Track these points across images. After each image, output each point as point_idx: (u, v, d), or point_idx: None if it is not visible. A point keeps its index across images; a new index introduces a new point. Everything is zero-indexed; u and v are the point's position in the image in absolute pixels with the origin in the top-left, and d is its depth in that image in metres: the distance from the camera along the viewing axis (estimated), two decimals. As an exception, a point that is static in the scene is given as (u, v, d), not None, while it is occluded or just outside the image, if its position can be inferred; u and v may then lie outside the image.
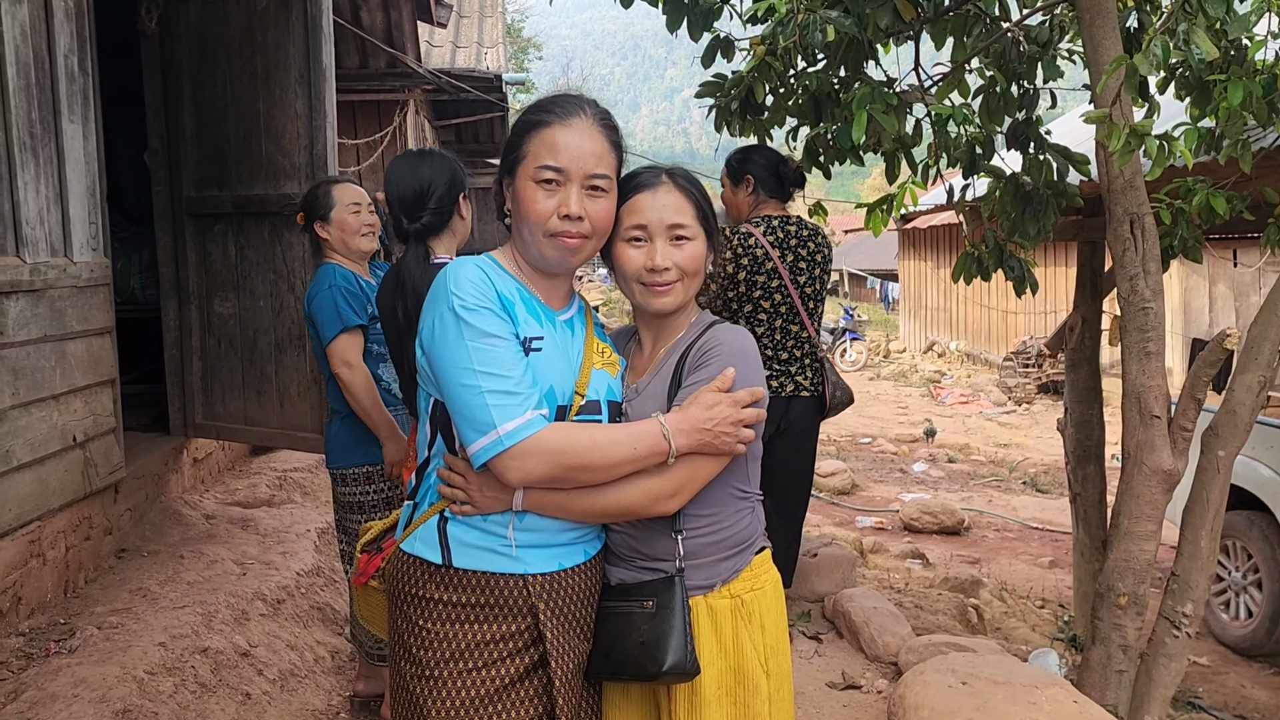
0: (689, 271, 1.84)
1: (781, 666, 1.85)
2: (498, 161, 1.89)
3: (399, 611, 1.75)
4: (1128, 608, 3.18)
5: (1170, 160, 2.99)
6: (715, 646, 1.79)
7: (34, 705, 2.81)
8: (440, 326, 1.68)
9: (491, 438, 1.61)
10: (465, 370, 1.63)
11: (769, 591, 1.85)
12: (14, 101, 3.40)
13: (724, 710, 1.78)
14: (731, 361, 1.77)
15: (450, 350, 1.65)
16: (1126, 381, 3.21)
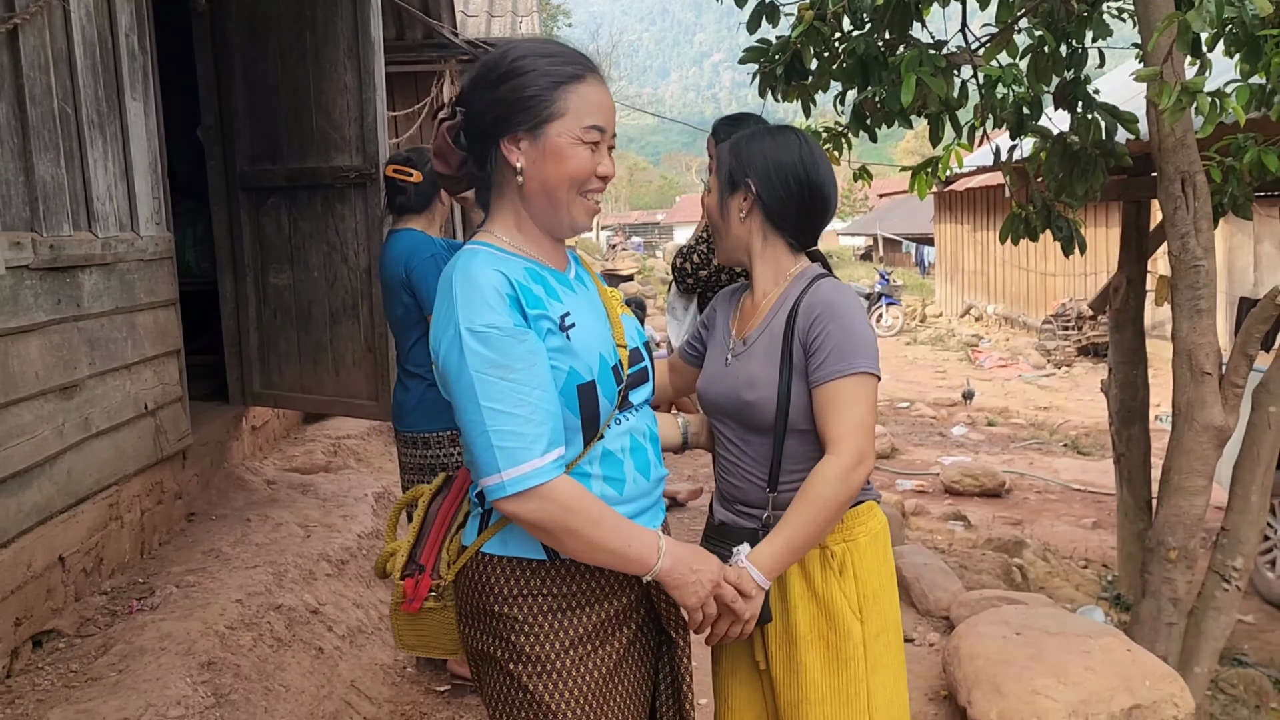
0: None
1: (883, 613, 1.90)
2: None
3: (497, 616, 1.62)
4: (1178, 561, 3.23)
5: (1222, 117, 2.99)
6: (806, 593, 1.87)
7: (124, 658, 2.96)
8: (448, 347, 1.52)
9: (494, 480, 1.49)
10: (471, 404, 1.50)
11: (862, 543, 1.89)
12: (82, 80, 3.51)
13: (816, 651, 1.86)
14: (843, 322, 1.80)
15: (455, 376, 1.51)
16: (1177, 339, 3.24)
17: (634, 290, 20.30)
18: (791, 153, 1.93)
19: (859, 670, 1.86)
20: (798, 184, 1.92)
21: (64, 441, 3.32)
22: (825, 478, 1.76)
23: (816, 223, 1.98)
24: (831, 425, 1.78)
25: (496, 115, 1.56)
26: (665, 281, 24.55)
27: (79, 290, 3.45)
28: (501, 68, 1.57)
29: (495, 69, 1.58)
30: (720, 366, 1.98)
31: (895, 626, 1.96)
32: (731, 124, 3.86)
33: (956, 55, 3.84)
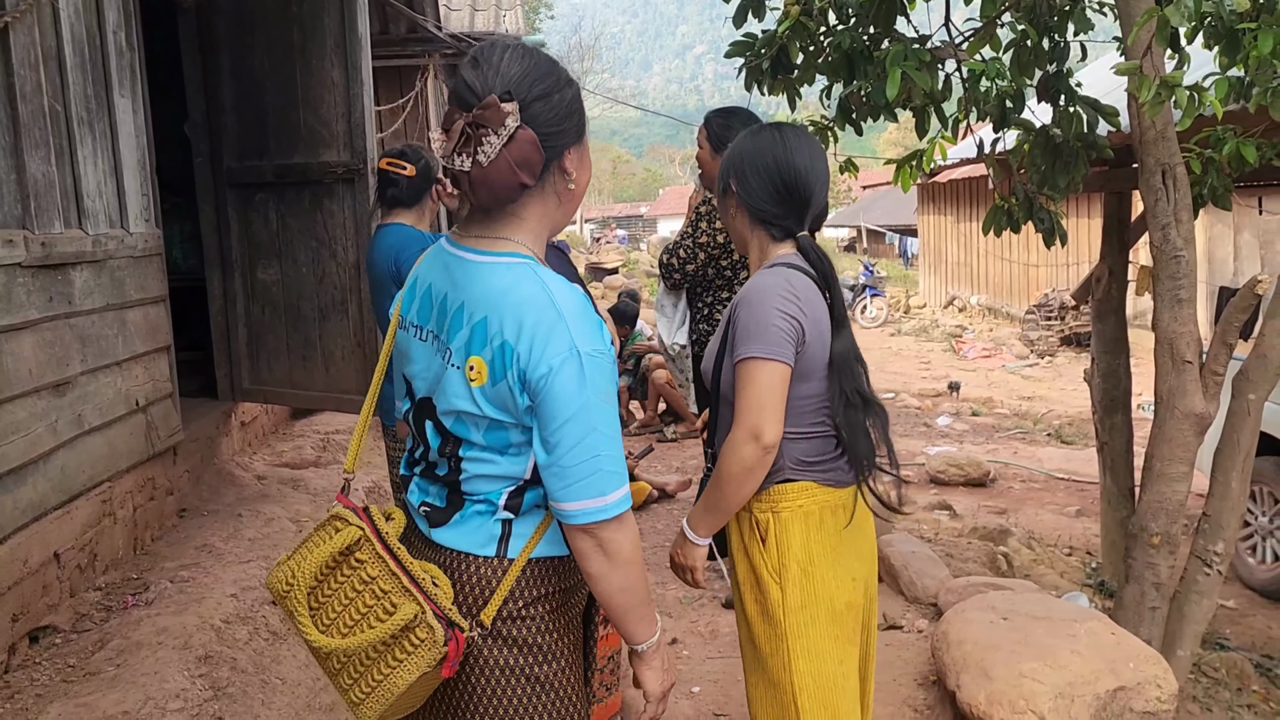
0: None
1: (812, 591, 2.02)
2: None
3: (521, 620, 1.57)
4: (1160, 547, 3.28)
5: (1200, 110, 3.05)
6: (739, 545, 2.12)
7: (121, 652, 2.98)
8: (560, 365, 1.45)
9: (600, 502, 1.48)
10: (585, 427, 1.46)
11: (785, 517, 2.03)
12: (71, 78, 3.51)
13: (748, 596, 2.10)
14: (742, 312, 1.98)
15: (570, 398, 1.46)
16: (1159, 328, 3.29)
17: (620, 284, 20.29)
18: (765, 150, 2.06)
19: (780, 630, 2.03)
20: (770, 178, 2.06)
21: (58, 438, 3.33)
22: (723, 449, 1.99)
23: (797, 211, 2.08)
24: (735, 401, 1.98)
25: (567, 125, 1.52)
26: (650, 274, 24.58)
27: (70, 287, 3.46)
28: (562, 76, 1.53)
29: (561, 78, 1.52)
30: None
31: (831, 610, 2.04)
32: (724, 116, 3.91)
33: (941, 49, 3.88)
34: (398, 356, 1.67)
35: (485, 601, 1.54)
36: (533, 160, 1.44)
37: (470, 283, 1.50)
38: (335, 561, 1.54)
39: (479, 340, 1.47)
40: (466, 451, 1.55)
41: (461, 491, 1.57)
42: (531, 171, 1.45)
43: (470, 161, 1.42)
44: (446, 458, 1.58)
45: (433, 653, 1.47)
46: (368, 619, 1.50)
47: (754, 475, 1.97)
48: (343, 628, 1.51)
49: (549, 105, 1.47)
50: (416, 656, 1.47)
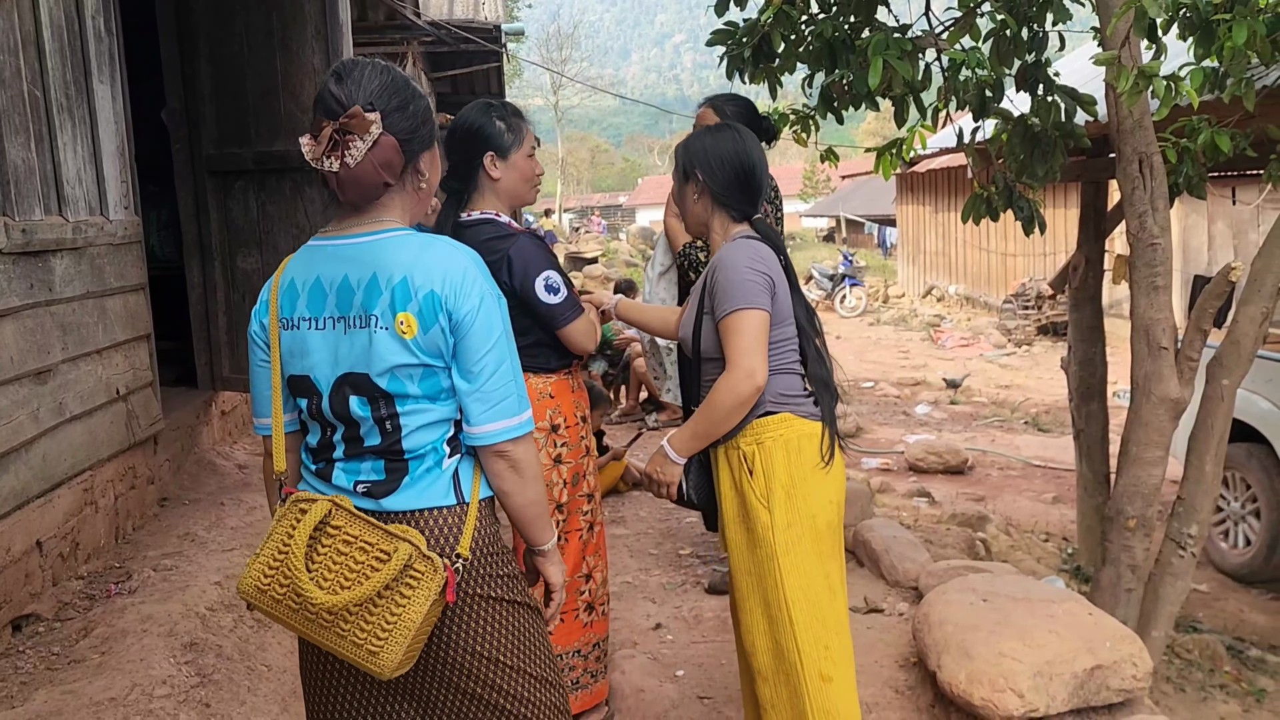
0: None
1: (795, 509, 2.31)
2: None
3: (499, 554, 1.79)
4: (1136, 530, 3.34)
5: (1177, 100, 3.09)
6: (730, 483, 2.39)
7: (105, 640, 2.97)
8: (484, 307, 1.70)
9: (519, 420, 1.74)
10: (507, 354, 1.74)
11: (768, 445, 2.33)
12: (50, 63, 3.48)
13: (738, 530, 2.39)
14: (724, 273, 2.30)
15: (492, 329, 1.71)
16: (1135, 315, 3.35)
17: (600, 274, 20.27)
18: (727, 145, 2.45)
19: (770, 550, 2.31)
20: (732, 169, 2.44)
21: (39, 426, 3.31)
22: (719, 386, 2.29)
23: (752, 197, 2.47)
24: (726, 351, 2.29)
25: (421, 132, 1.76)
26: (629, 264, 24.56)
27: (51, 274, 3.44)
28: (415, 91, 1.76)
29: (414, 92, 1.76)
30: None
31: (814, 528, 2.33)
32: (732, 102, 3.85)
33: (921, 39, 3.92)
34: (285, 361, 1.77)
35: (457, 540, 1.71)
36: (394, 162, 1.66)
37: (373, 257, 1.69)
38: (317, 535, 1.67)
39: (402, 298, 1.65)
40: (403, 405, 1.69)
41: (403, 454, 1.71)
42: (393, 171, 1.67)
43: (339, 163, 1.62)
44: (380, 421, 1.70)
45: (436, 580, 1.62)
46: (364, 570, 1.62)
47: (743, 409, 2.29)
48: (341, 585, 1.62)
49: (405, 115, 1.69)
50: (422, 587, 1.62)
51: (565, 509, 2.82)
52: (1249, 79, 3.88)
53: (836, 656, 2.34)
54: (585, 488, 2.86)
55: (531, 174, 2.79)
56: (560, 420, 2.80)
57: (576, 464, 2.83)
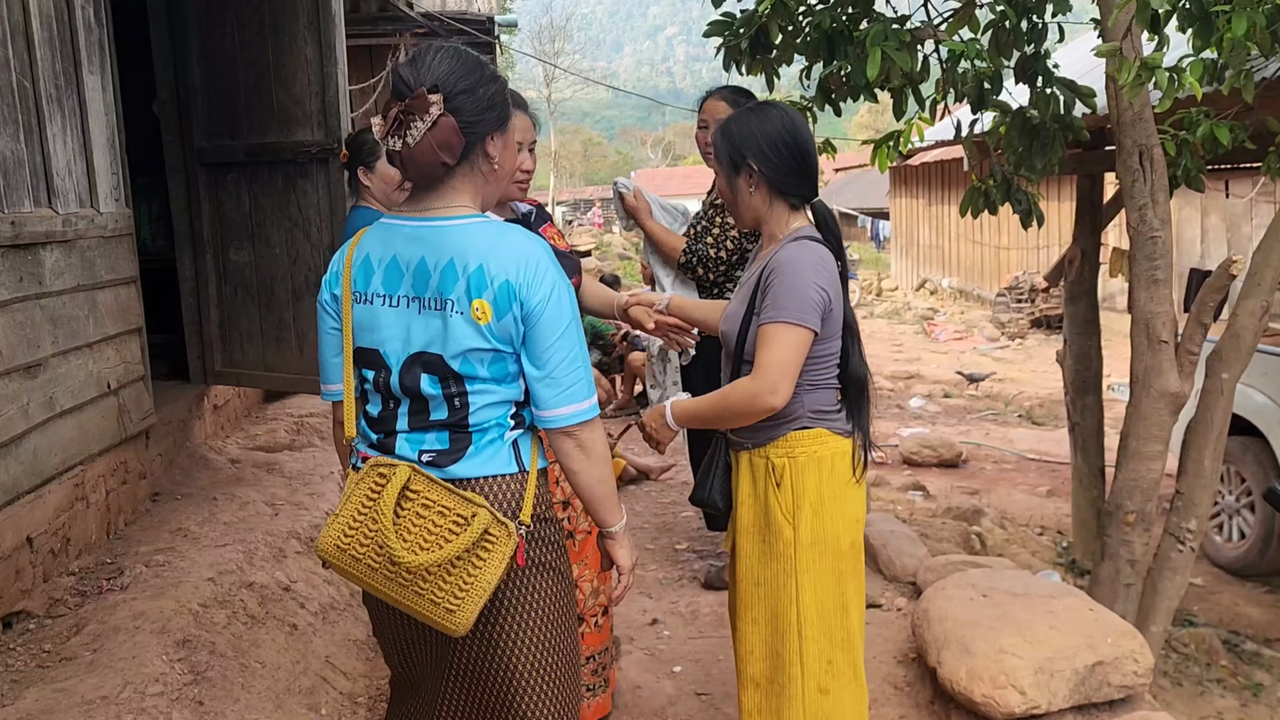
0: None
1: (821, 529, 2.24)
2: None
3: (551, 521, 1.92)
4: (1135, 525, 3.33)
5: (1179, 92, 3.07)
6: (750, 492, 2.32)
7: (97, 637, 2.94)
8: (558, 295, 1.78)
9: (589, 404, 1.83)
10: (574, 343, 1.81)
11: (801, 461, 2.25)
12: (39, 54, 3.44)
13: (753, 541, 2.31)
14: (787, 279, 2.16)
15: (562, 318, 1.78)
16: (1135, 308, 3.33)
17: (592, 267, 20.23)
18: (778, 125, 2.25)
19: (789, 566, 2.24)
20: (790, 152, 2.24)
21: (29, 421, 3.27)
22: (738, 387, 2.20)
23: (811, 179, 2.29)
24: (760, 356, 2.17)
25: (488, 115, 1.79)
26: (623, 257, 24.52)
27: (40, 268, 3.40)
28: (486, 75, 1.78)
29: (485, 76, 1.78)
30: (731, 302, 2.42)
31: (837, 548, 2.27)
32: (742, 95, 3.78)
33: (920, 30, 3.89)
34: (355, 331, 1.85)
35: (519, 506, 1.81)
36: (452, 143, 1.71)
37: (451, 242, 1.75)
38: (402, 500, 1.76)
39: (478, 285, 1.72)
40: (471, 385, 1.78)
41: (468, 428, 1.80)
42: (451, 152, 1.71)
43: (400, 142, 1.70)
44: (450, 398, 1.79)
45: (509, 545, 1.74)
46: (442, 533, 1.73)
47: (752, 418, 2.20)
48: (420, 546, 1.72)
49: (472, 98, 1.74)
50: (497, 552, 1.73)
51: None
52: (1248, 71, 3.86)
53: (839, 670, 2.29)
54: (558, 494, 2.68)
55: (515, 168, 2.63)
56: None
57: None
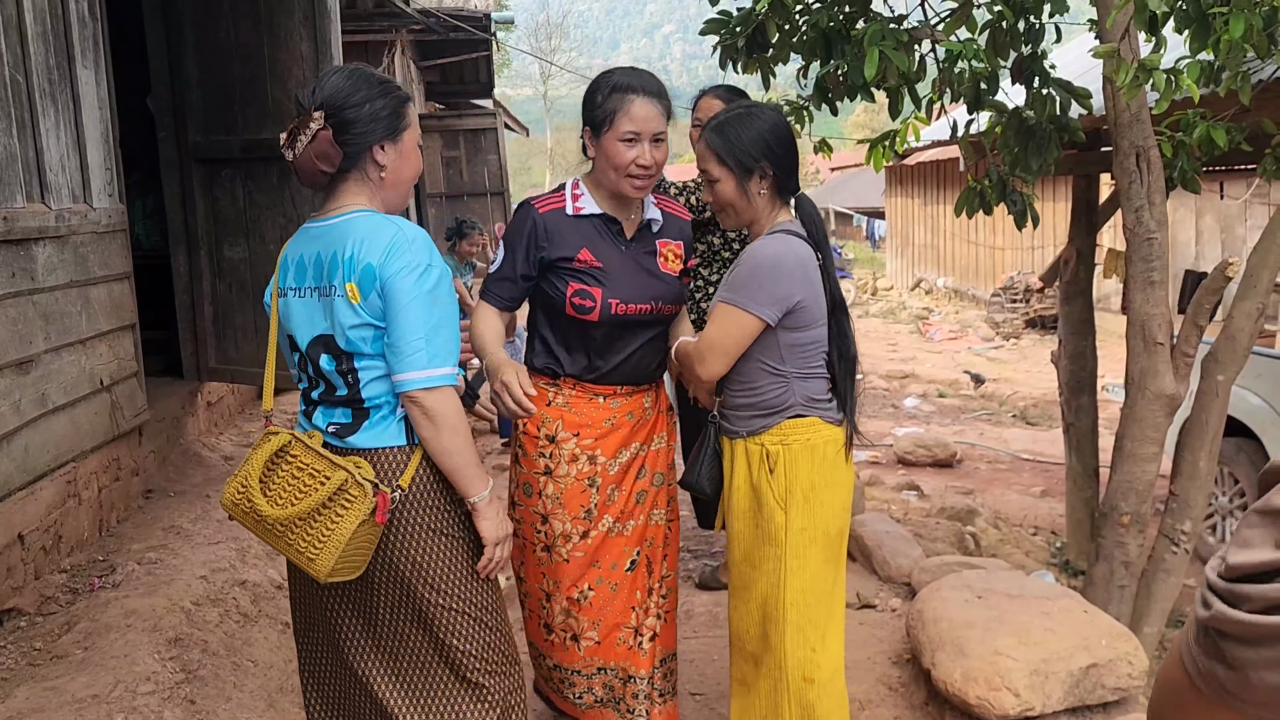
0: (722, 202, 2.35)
1: (812, 514, 2.29)
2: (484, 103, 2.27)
3: (447, 491, 2.07)
4: (1130, 526, 3.33)
5: (1176, 94, 3.06)
6: (744, 476, 2.35)
7: (89, 635, 2.93)
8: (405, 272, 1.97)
9: (422, 374, 1.97)
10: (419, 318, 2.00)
11: (795, 449, 2.29)
12: (33, 48, 3.42)
13: (746, 523, 2.36)
14: (746, 266, 2.25)
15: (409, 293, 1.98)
16: (1131, 310, 3.33)
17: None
18: (779, 125, 2.32)
19: (780, 550, 2.29)
20: (792, 150, 2.32)
21: (21, 418, 3.25)
22: (690, 348, 2.36)
23: (797, 173, 2.37)
24: (705, 332, 2.32)
25: (373, 127, 1.99)
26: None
27: (33, 263, 3.38)
28: (375, 92, 1.99)
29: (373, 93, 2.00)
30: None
31: (826, 533, 2.32)
32: (737, 94, 3.71)
33: (917, 30, 3.88)
34: (282, 322, 2.10)
35: (401, 474, 2.00)
36: (329, 153, 1.93)
37: (336, 236, 1.97)
38: (274, 461, 1.99)
39: (349, 269, 1.94)
40: (359, 363, 1.99)
41: (364, 403, 2.01)
42: (328, 161, 1.94)
43: (291, 153, 1.95)
44: (344, 375, 2.01)
45: (365, 504, 1.91)
46: (309, 492, 1.94)
47: (689, 378, 2.42)
48: (290, 503, 1.95)
49: (358, 112, 1.96)
50: (354, 509, 1.91)
51: (517, 514, 2.58)
52: (1245, 73, 3.86)
53: (822, 660, 2.32)
54: (540, 506, 2.52)
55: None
56: (522, 422, 2.53)
57: (528, 474, 2.54)
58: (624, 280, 2.44)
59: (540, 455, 2.51)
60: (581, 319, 2.43)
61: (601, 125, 2.36)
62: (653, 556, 2.63)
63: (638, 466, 2.58)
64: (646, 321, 2.50)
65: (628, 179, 2.37)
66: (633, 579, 2.58)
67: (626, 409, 2.54)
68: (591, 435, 2.51)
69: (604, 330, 2.46)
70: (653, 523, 2.62)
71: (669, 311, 2.54)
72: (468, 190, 12.05)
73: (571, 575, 2.53)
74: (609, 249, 2.46)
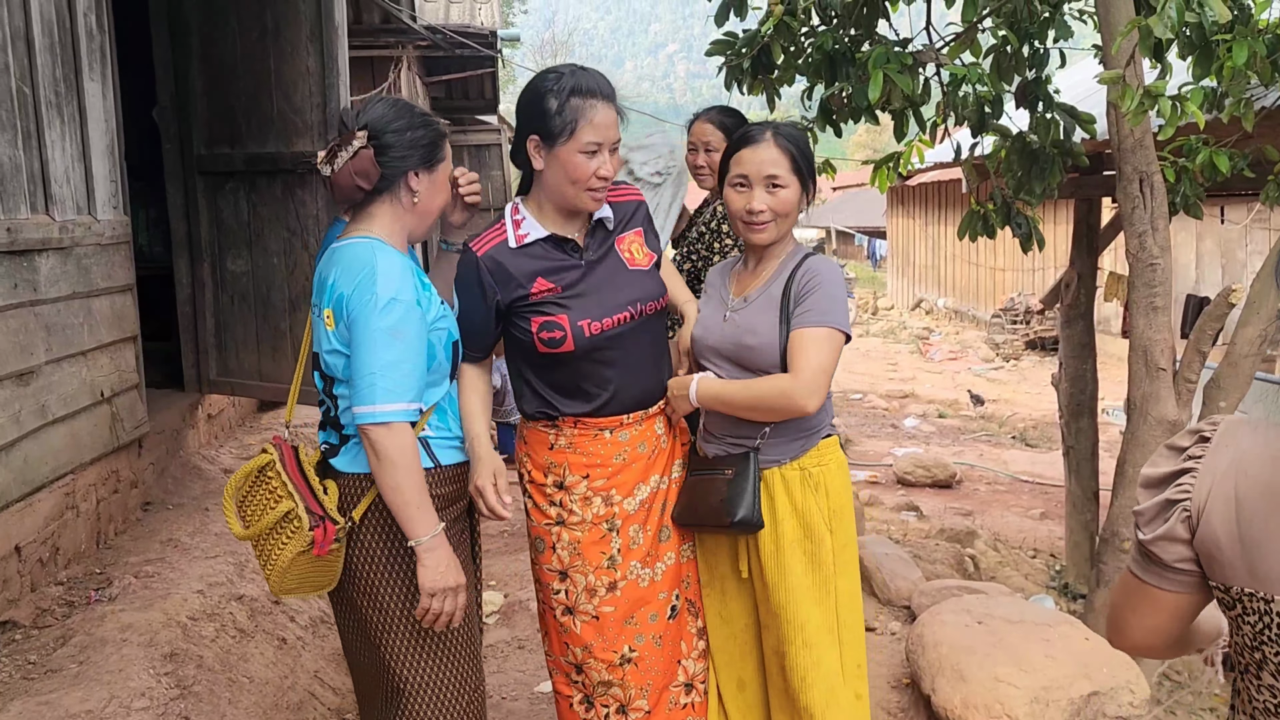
0: (781, 213, 2.25)
1: (845, 528, 2.28)
2: (489, 119, 2.28)
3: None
4: (1131, 552, 3.32)
5: (1181, 120, 3.07)
6: (789, 506, 2.27)
7: (84, 649, 2.90)
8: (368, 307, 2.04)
9: (370, 409, 2.00)
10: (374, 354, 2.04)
11: (832, 467, 2.29)
12: (40, 60, 3.42)
13: (798, 556, 2.26)
14: (828, 288, 2.21)
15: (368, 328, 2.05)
16: (1133, 335, 3.33)
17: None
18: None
19: (829, 573, 2.25)
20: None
21: (21, 429, 3.24)
22: (778, 382, 2.18)
23: None
24: (800, 358, 2.17)
25: (411, 154, 2.08)
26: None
27: (36, 274, 3.38)
28: (417, 122, 2.09)
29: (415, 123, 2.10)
30: (718, 321, 2.34)
31: (853, 543, 2.34)
32: (731, 116, 3.66)
33: (922, 53, 3.90)
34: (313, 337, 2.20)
35: (356, 504, 2.06)
36: (369, 171, 2.00)
37: (336, 261, 2.05)
38: (255, 480, 2.09)
39: (329, 295, 2.02)
40: (338, 389, 2.07)
41: (343, 427, 2.09)
42: (367, 179, 2.01)
43: (329, 168, 2.02)
44: (330, 399, 2.10)
45: (302, 537, 1.97)
46: (264, 514, 2.04)
47: (777, 417, 2.22)
48: (253, 522, 2.06)
49: (399, 137, 2.04)
50: (294, 540, 1.98)
51: (536, 574, 2.39)
52: (1248, 99, 3.88)
53: (865, 674, 2.34)
54: (555, 562, 2.30)
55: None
56: (526, 470, 2.38)
57: (539, 528, 2.33)
58: (590, 297, 2.21)
59: (550, 504, 2.29)
60: (556, 353, 2.20)
61: (558, 135, 2.12)
62: (693, 597, 2.41)
63: (660, 502, 2.34)
64: (630, 332, 2.25)
65: (588, 192, 2.17)
66: (676, 627, 2.35)
67: (638, 440, 2.31)
68: (603, 475, 2.28)
69: (585, 358, 2.22)
70: (683, 559, 2.39)
71: (653, 310, 2.30)
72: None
73: (606, 636, 2.27)
74: (564, 269, 2.23)
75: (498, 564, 4.52)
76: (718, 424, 2.36)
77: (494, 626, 3.81)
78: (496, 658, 3.54)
